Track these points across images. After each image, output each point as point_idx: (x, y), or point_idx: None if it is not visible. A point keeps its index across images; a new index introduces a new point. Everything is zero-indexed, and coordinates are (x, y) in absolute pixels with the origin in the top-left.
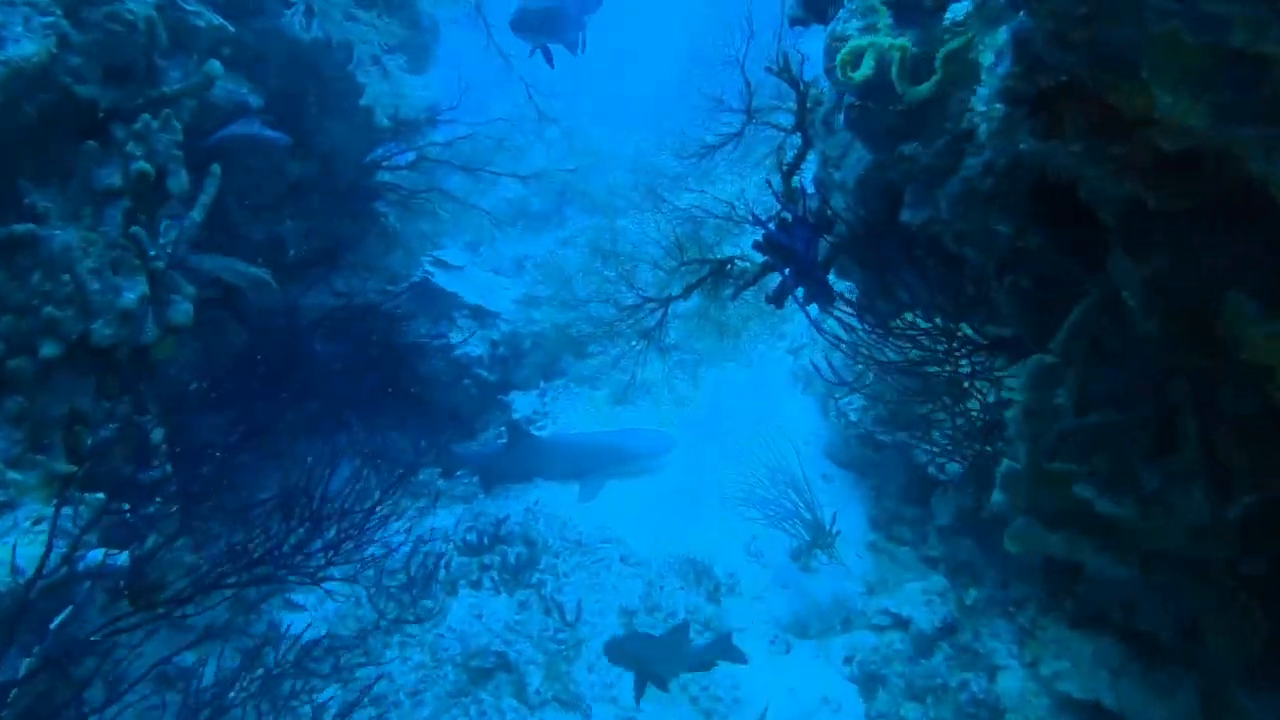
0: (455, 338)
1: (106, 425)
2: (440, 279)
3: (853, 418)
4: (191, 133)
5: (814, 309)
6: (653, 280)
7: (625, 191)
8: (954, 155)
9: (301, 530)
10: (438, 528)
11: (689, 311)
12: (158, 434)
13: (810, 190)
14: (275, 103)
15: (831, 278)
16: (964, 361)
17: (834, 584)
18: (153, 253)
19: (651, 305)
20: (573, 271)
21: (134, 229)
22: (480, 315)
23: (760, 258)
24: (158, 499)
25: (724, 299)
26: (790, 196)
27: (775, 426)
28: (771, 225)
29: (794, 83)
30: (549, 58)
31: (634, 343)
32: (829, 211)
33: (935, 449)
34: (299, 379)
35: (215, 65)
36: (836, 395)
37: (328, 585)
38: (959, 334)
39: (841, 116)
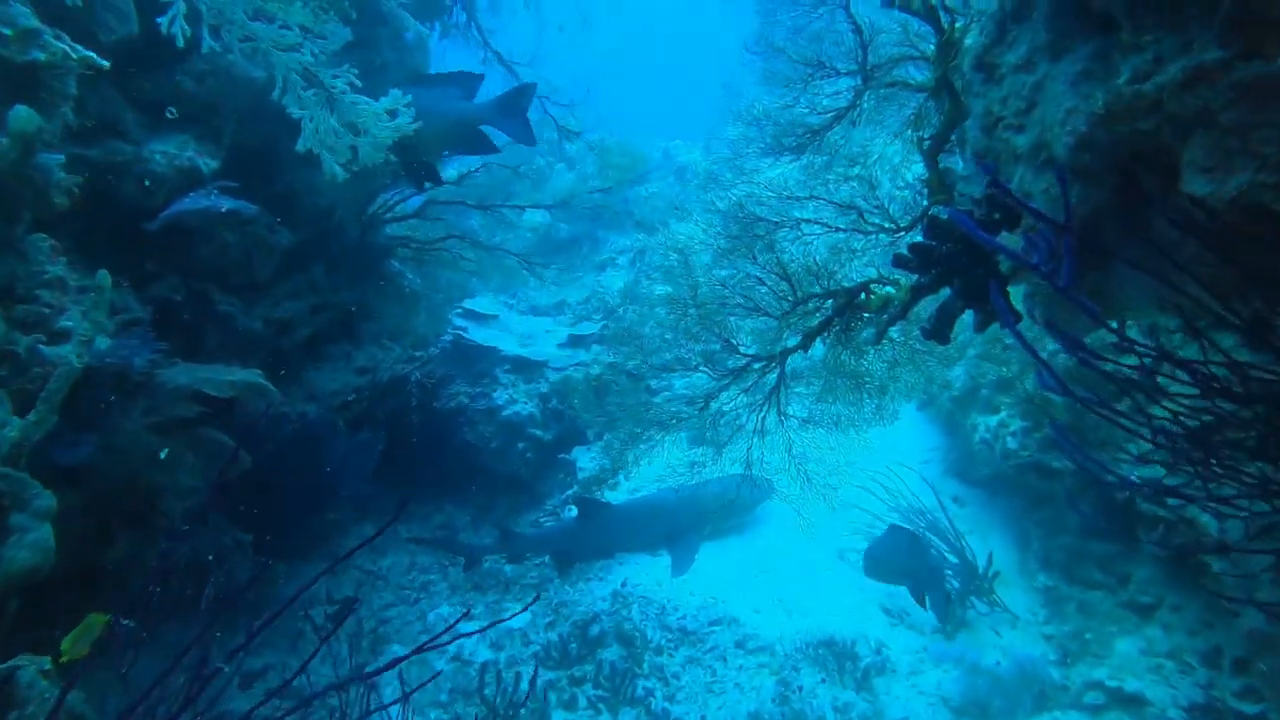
0: (500, 397)
1: None
2: (474, 333)
3: (1011, 444)
4: (134, 213)
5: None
6: (749, 329)
7: (692, 209)
8: None
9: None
10: (514, 628)
11: (810, 367)
12: None
13: (968, 170)
14: (241, 160)
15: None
16: None
17: (1009, 645)
18: None
19: (760, 365)
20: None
21: None
22: (524, 368)
23: (908, 277)
24: None
25: (860, 343)
26: (941, 184)
27: (887, 444)
28: (918, 231)
29: (931, 12)
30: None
31: (739, 418)
32: (1007, 196)
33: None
34: (321, 481)
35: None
36: (972, 414)
37: None
38: None
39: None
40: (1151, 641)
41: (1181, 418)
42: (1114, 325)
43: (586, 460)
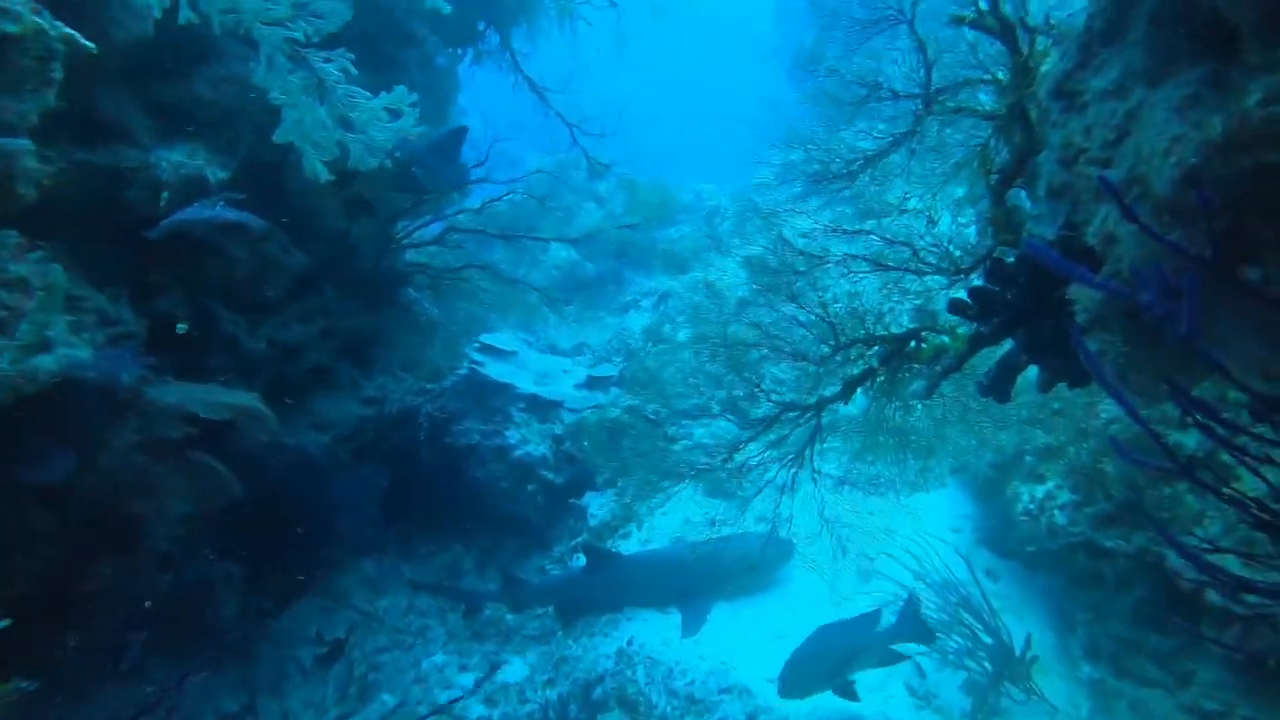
0: (513, 436)
1: None
2: (490, 369)
3: (1060, 519)
4: (140, 223)
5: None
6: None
7: (727, 247)
8: None
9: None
10: (510, 684)
11: (849, 421)
12: None
13: (1040, 209)
14: (257, 175)
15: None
16: None
17: None
18: None
19: (794, 415)
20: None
21: None
22: (539, 407)
23: (965, 326)
24: None
25: (907, 397)
26: (1008, 223)
27: (910, 511)
28: (979, 274)
29: (1008, 30)
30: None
31: (766, 473)
32: (1084, 237)
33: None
34: (319, 518)
35: None
36: (1013, 482)
37: None
38: None
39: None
40: None
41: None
42: (1245, 385)
43: (598, 507)
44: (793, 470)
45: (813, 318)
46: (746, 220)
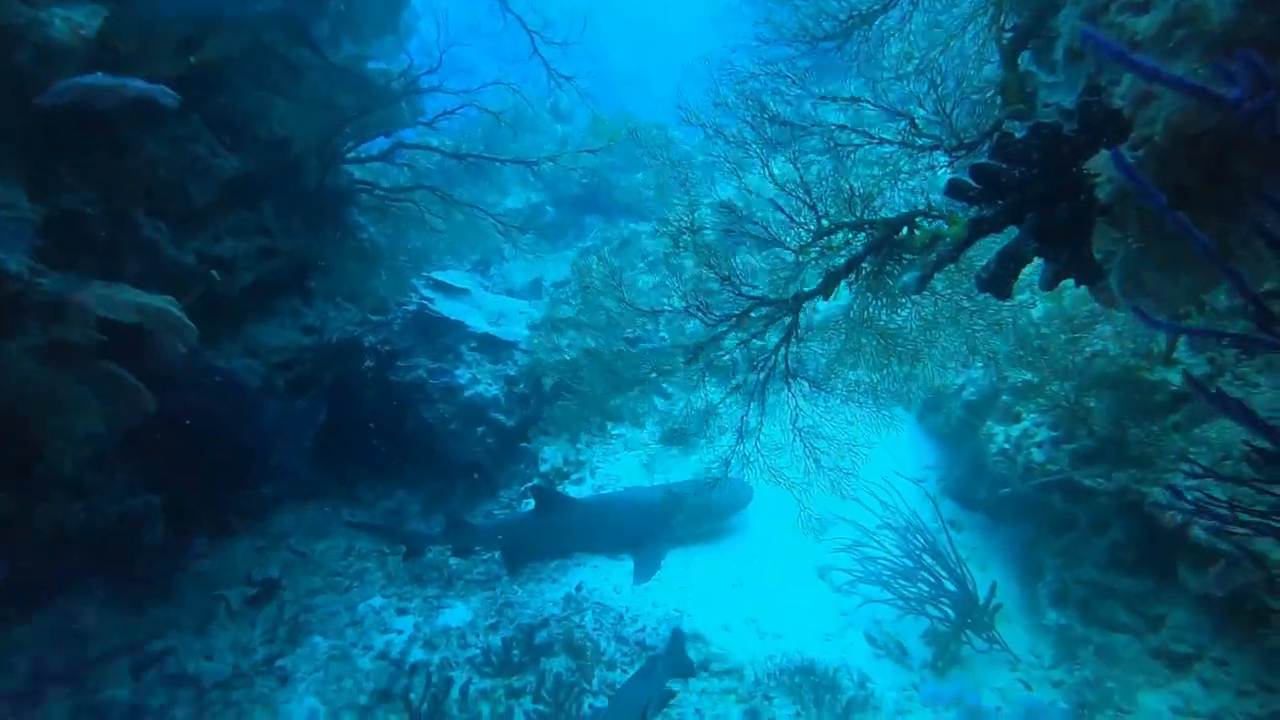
0: (463, 375)
1: None
2: (441, 305)
3: (1037, 456)
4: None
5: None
6: (760, 267)
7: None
8: None
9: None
10: (451, 628)
11: (831, 318)
12: None
13: (1056, 77)
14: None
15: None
16: None
17: (1010, 691)
18: None
19: (766, 310)
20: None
21: None
22: (492, 347)
23: (966, 211)
24: None
25: (895, 292)
26: (1020, 91)
27: (881, 460)
28: (985, 151)
29: None
30: None
31: (734, 375)
32: (1111, 100)
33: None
34: (248, 446)
35: None
36: (987, 423)
37: None
38: None
39: None
40: (1188, 699)
41: None
42: None
43: (551, 452)
44: (762, 374)
45: (794, 200)
46: (723, 80)
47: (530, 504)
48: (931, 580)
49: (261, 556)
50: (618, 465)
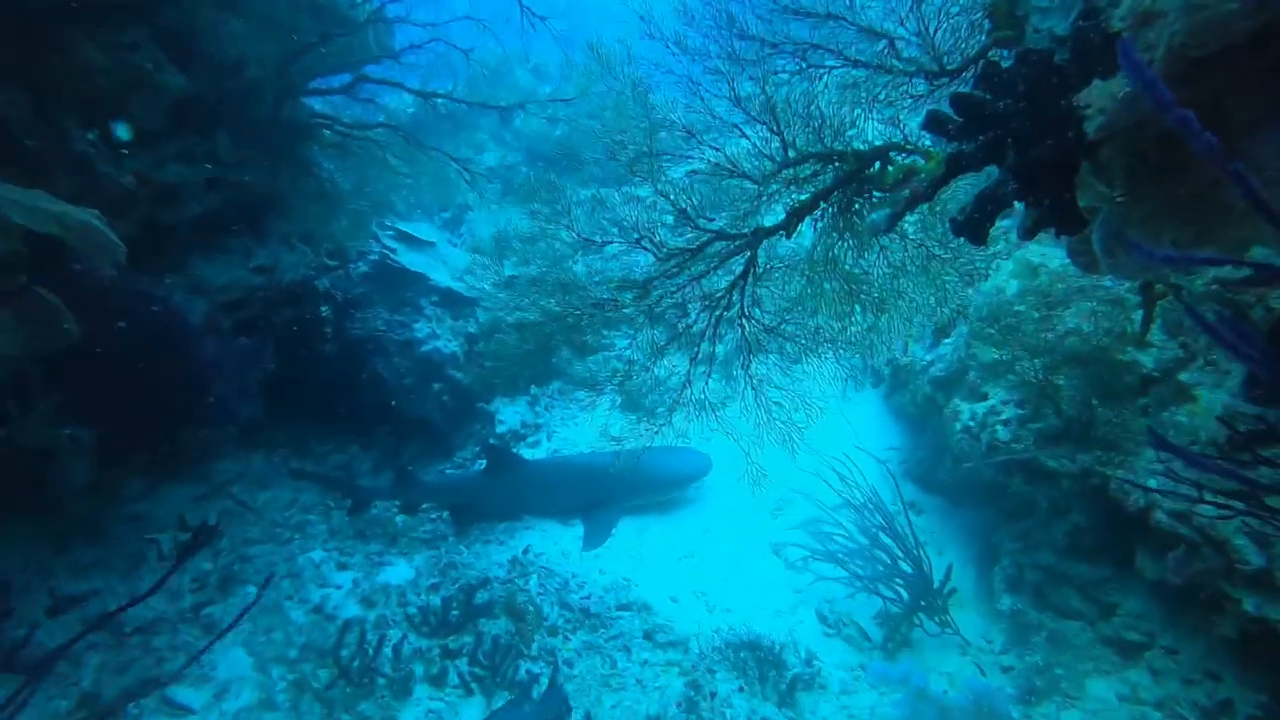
0: (421, 329)
1: None
2: (404, 257)
3: (1002, 434)
4: None
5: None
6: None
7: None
8: None
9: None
10: (391, 585)
11: (792, 258)
12: None
13: (1045, 2)
14: None
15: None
16: None
17: (959, 674)
18: None
19: (723, 246)
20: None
21: None
22: (453, 303)
23: (942, 146)
24: None
25: (863, 232)
26: (1010, 13)
27: (844, 437)
28: (967, 81)
29: None
30: None
31: (686, 316)
32: (1110, 23)
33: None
34: (185, 381)
35: None
36: (953, 401)
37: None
38: None
39: None
40: (1135, 687)
41: None
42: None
43: (509, 414)
44: (716, 315)
45: (759, 127)
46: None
47: (483, 464)
48: (887, 561)
49: (201, 504)
50: (576, 430)
